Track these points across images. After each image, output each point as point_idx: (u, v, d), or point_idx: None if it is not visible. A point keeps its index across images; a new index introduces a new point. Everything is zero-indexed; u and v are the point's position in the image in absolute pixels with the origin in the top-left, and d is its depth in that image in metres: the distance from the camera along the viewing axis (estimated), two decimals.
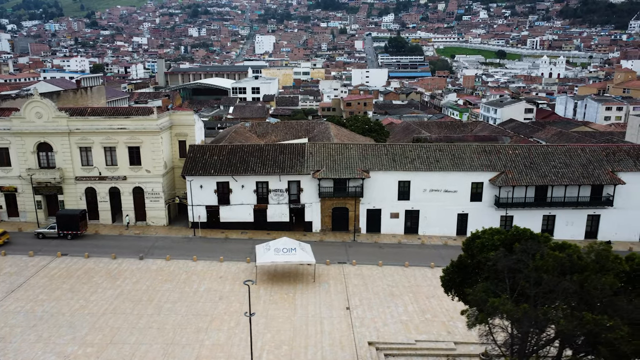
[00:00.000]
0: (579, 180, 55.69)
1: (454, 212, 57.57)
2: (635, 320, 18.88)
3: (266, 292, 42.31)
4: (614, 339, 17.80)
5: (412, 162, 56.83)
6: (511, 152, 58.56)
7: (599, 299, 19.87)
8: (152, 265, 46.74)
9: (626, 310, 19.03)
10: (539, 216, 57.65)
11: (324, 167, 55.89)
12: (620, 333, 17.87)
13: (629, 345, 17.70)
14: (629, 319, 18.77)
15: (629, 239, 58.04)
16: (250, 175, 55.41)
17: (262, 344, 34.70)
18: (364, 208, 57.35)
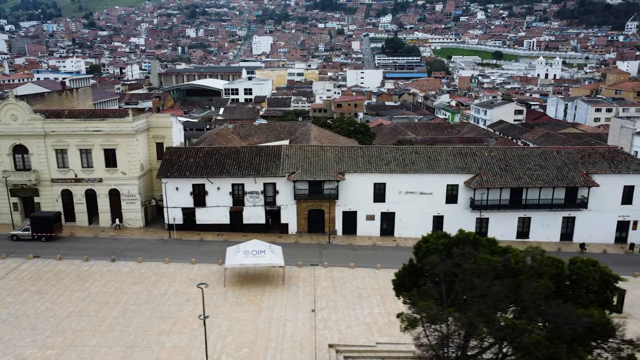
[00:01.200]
0: (553, 182, 55.89)
1: (430, 214, 57.74)
2: (563, 325, 19.10)
3: (234, 294, 42.51)
4: (530, 343, 18.00)
5: (387, 165, 57.03)
6: (487, 154, 58.76)
7: (529, 302, 20.05)
8: (123, 267, 46.93)
9: (553, 315, 19.23)
10: (514, 218, 57.81)
11: (299, 169, 56.09)
12: (535, 337, 18.07)
13: (543, 350, 17.90)
14: (555, 323, 18.99)
15: (604, 241, 58.25)
16: (226, 177, 55.61)
17: (223, 346, 34.88)
18: (339, 210, 57.54)
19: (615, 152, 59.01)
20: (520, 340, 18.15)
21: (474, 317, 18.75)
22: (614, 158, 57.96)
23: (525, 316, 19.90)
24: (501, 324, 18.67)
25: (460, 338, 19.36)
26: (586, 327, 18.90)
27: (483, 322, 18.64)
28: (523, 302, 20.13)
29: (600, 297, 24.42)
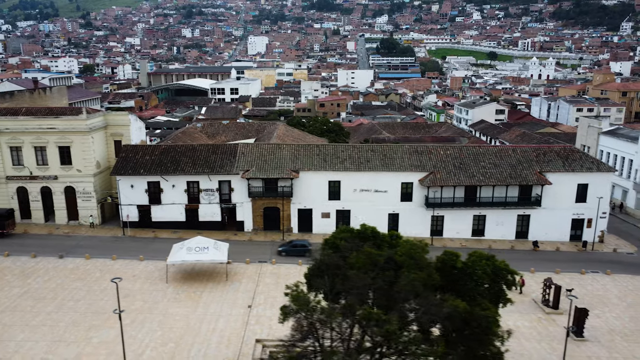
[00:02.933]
0: (507, 180, 56.12)
1: (385, 212, 57.99)
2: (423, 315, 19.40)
3: (174, 291, 42.80)
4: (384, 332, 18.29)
5: (342, 162, 57.29)
6: (442, 152, 58.99)
7: (401, 295, 20.34)
8: (69, 264, 47.21)
9: (417, 305, 19.54)
10: (469, 216, 58.04)
11: (254, 167, 56.36)
12: (387, 328, 18.34)
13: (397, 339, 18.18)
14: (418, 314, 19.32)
15: (559, 239, 58.48)
16: (180, 175, 55.90)
17: (149, 340, 35.17)
18: (295, 208, 57.82)
19: (570, 151, 59.24)
20: (377, 329, 18.46)
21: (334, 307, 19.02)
22: (569, 157, 58.19)
23: (397, 307, 20.18)
24: (356, 314, 18.95)
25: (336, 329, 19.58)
26: (447, 317, 19.18)
27: (339, 313, 18.93)
28: (395, 293, 20.39)
29: (492, 290, 24.65)
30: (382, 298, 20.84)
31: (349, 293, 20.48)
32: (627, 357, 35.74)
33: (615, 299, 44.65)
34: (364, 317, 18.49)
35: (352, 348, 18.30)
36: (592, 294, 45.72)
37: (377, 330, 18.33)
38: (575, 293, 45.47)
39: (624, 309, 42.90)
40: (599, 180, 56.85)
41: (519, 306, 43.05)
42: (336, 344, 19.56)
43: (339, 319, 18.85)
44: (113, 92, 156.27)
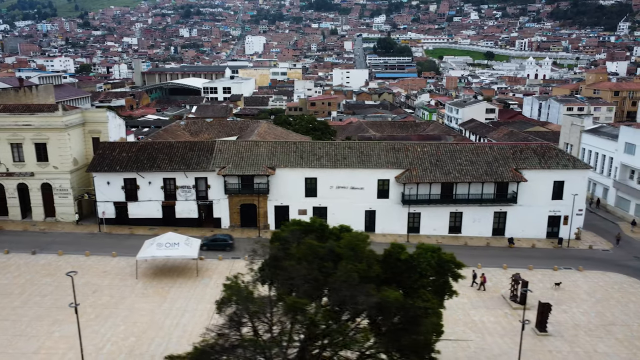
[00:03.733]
0: (482, 177, 56.23)
1: (362, 209, 58.09)
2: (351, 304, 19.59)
3: (143, 286, 42.91)
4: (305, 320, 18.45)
5: (319, 159, 57.39)
6: (419, 149, 59.10)
7: (334, 285, 20.48)
8: (42, 260, 47.34)
9: (348, 295, 19.69)
10: (446, 213, 58.13)
11: (230, 164, 56.48)
12: (309, 315, 18.47)
13: (315, 328, 18.33)
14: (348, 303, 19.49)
15: (536, 236, 58.58)
16: (156, 171, 56.01)
17: (111, 335, 35.32)
18: (271, 205, 57.93)
19: (547, 148, 59.34)
20: (299, 317, 18.61)
21: (263, 298, 19.16)
22: (545, 154, 58.29)
23: (333, 297, 20.37)
24: (280, 303, 19.08)
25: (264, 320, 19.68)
26: (376, 306, 19.33)
27: (260, 301, 19.08)
28: (329, 284, 20.54)
29: (436, 282, 24.76)
30: (317, 289, 20.96)
31: (284, 284, 20.61)
32: (588, 351, 35.84)
33: (584, 295, 44.76)
34: (289, 305, 18.63)
35: (275, 337, 18.40)
36: (562, 289, 45.82)
37: (299, 318, 18.49)
38: (545, 289, 45.82)
39: (591, 304, 43.01)
40: (575, 178, 56.95)
41: (488, 302, 43.33)
42: (268, 334, 19.67)
43: (267, 308, 18.99)
44: (105, 92, 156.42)
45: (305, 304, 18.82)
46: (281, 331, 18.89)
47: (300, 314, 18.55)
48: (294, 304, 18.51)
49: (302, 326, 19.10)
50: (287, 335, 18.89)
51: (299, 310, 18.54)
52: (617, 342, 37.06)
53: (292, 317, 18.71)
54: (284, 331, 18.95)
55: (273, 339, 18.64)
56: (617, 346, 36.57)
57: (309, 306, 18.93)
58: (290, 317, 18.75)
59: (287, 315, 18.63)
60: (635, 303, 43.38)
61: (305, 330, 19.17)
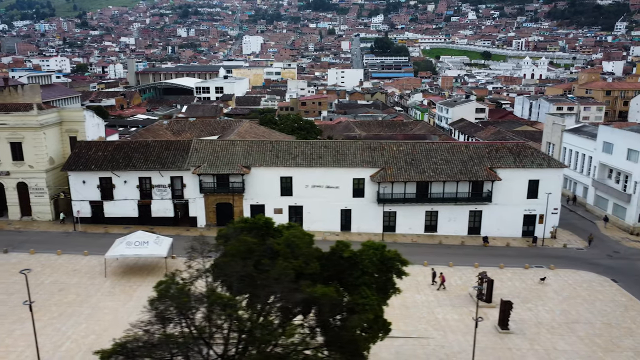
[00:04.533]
0: (457, 176, 56.36)
1: (337, 208, 58.23)
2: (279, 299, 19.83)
3: (111, 285, 43.07)
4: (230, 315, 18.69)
5: (294, 158, 57.55)
6: (395, 148, 59.24)
7: (264, 282, 20.65)
8: (13, 258, 47.50)
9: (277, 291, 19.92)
10: (422, 212, 58.26)
11: (205, 163, 56.63)
12: (230, 311, 18.65)
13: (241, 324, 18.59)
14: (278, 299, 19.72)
15: (511, 235, 58.71)
16: (132, 170, 56.16)
17: (72, 333, 35.46)
18: (247, 203, 58.06)
19: (523, 147, 59.47)
20: (220, 312, 18.80)
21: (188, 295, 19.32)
22: (521, 153, 58.42)
23: (261, 294, 20.55)
24: (204, 298, 19.22)
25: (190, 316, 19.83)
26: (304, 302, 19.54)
27: (185, 297, 19.23)
28: (261, 280, 20.71)
29: (379, 279, 24.91)
30: (251, 286, 21.11)
31: (217, 281, 20.78)
32: (548, 348, 35.97)
33: (552, 293, 44.89)
34: (212, 301, 18.79)
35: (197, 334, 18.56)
36: (531, 287, 45.99)
37: (221, 313, 18.68)
38: (514, 287, 45.99)
39: (558, 302, 43.14)
40: (550, 176, 57.09)
41: (454, 300, 43.46)
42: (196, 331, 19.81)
43: (191, 304, 19.15)
44: (96, 91, 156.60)
45: (230, 299, 18.99)
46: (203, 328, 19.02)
47: (224, 309, 18.72)
48: (215, 300, 18.69)
49: (227, 322, 19.26)
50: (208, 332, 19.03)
51: (222, 306, 18.72)
52: (578, 340, 37.19)
53: (217, 313, 18.87)
54: (208, 328, 19.09)
55: (193, 336, 18.76)
56: (578, 344, 36.70)
57: (234, 302, 19.09)
58: (216, 313, 18.92)
59: (211, 311, 18.78)
60: (601, 301, 43.51)
61: (231, 327, 19.34)
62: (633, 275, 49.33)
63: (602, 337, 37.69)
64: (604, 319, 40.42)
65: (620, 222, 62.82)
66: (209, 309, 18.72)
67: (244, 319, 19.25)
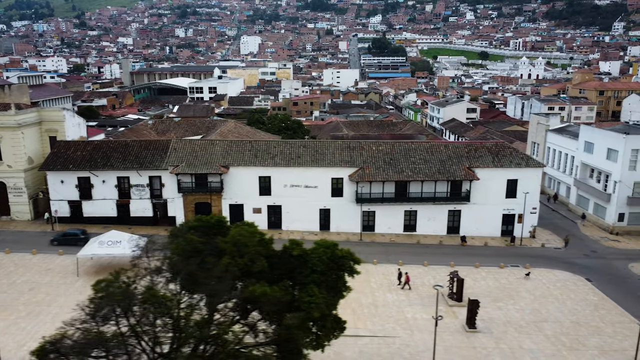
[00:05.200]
0: (435, 176, 56.37)
1: (316, 208, 58.24)
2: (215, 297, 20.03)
3: (82, 284, 42.94)
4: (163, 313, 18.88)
5: (273, 158, 57.58)
6: (374, 148, 59.27)
7: (204, 280, 20.75)
8: None
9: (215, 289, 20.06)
10: (401, 212, 58.27)
11: (184, 163, 56.68)
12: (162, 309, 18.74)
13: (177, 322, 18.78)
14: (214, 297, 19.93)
15: (490, 234, 58.72)
16: (110, 170, 56.22)
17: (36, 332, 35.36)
18: (226, 203, 58.10)
19: (501, 147, 59.49)
20: (155, 309, 18.88)
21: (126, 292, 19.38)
22: (499, 152, 58.44)
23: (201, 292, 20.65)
24: (139, 297, 19.28)
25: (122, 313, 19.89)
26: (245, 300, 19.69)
27: (119, 295, 19.28)
28: (202, 279, 20.79)
29: (329, 278, 24.95)
30: (194, 284, 21.17)
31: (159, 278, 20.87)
32: (513, 347, 36.00)
33: (524, 292, 44.91)
34: (146, 299, 18.85)
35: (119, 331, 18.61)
36: (504, 286, 46.02)
37: (154, 310, 18.76)
38: (487, 286, 46.02)
39: (529, 301, 43.16)
40: (528, 176, 57.09)
41: (425, 299, 43.42)
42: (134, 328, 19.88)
43: (125, 303, 19.19)
44: (88, 91, 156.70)
45: (164, 297, 19.05)
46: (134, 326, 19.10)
47: (159, 307, 18.79)
48: (151, 297, 18.75)
49: (160, 320, 19.33)
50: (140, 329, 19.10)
51: (156, 304, 18.78)
52: (545, 339, 37.23)
53: (151, 312, 18.93)
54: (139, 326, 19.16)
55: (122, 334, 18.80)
56: (544, 342, 36.73)
57: (168, 300, 19.16)
58: (150, 311, 18.97)
59: (145, 309, 18.83)
60: (573, 300, 43.54)
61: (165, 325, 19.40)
62: (607, 274, 49.37)
63: (568, 335, 37.72)
64: (573, 317, 40.45)
65: (600, 222, 62.84)
66: (141, 307, 18.75)
67: (177, 316, 19.30)
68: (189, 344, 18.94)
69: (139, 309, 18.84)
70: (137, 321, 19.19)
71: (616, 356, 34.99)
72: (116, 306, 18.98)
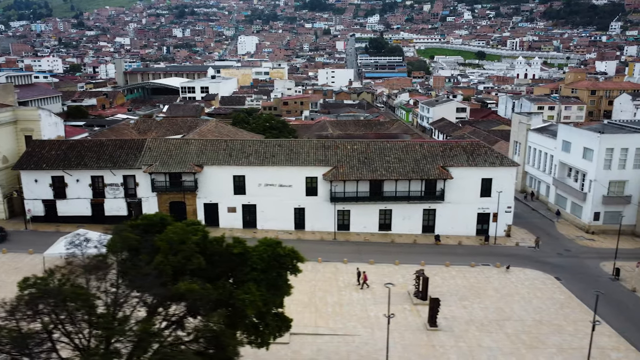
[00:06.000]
0: (409, 174, 56.35)
1: (291, 207, 58.24)
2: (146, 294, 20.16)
3: None
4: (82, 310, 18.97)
5: (247, 157, 57.59)
6: (349, 147, 59.25)
7: (129, 278, 20.82)
8: None
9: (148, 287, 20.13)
10: (375, 211, 58.26)
11: (157, 162, 56.69)
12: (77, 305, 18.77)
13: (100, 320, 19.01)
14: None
15: (465, 233, 58.70)
16: (83, 169, 56.24)
17: None
18: (200, 202, 58.13)
19: (477, 146, 59.47)
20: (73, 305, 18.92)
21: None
22: (474, 151, 58.41)
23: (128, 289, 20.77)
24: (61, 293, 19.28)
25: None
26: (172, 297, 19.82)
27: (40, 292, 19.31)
28: (132, 277, 20.84)
29: (269, 276, 24.95)
30: (124, 281, 21.20)
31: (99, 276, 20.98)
32: (472, 345, 35.98)
33: (491, 291, 44.91)
34: (65, 296, 18.88)
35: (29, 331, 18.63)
36: (472, 285, 46.01)
37: (73, 306, 18.80)
38: (455, 285, 46.02)
39: (495, 300, 43.15)
40: (503, 175, 57.08)
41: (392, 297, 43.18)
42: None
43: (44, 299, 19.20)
44: (79, 91, 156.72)
45: (82, 294, 19.10)
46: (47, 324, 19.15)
47: (78, 303, 18.82)
48: (69, 294, 18.78)
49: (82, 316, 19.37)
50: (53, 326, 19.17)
51: (75, 300, 18.81)
52: (505, 337, 37.22)
53: (73, 307, 18.96)
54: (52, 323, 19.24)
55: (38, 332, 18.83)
56: (504, 340, 36.73)
57: (86, 296, 19.20)
58: (71, 307, 19.00)
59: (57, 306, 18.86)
60: (539, 299, 43.52)
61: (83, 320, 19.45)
62: (578, 273, 49.37)
63: (530, 334, 37.71)
64: (536, 316, 40.43)
65: (577, 221, 62.82)
66: (62, 303, 18.76)
67: (96, 313, 19.35)
68: (105, 340, 18.96)
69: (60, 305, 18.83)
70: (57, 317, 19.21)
71: (574, 354, 34.98)
72: (37, 303, 18.98)
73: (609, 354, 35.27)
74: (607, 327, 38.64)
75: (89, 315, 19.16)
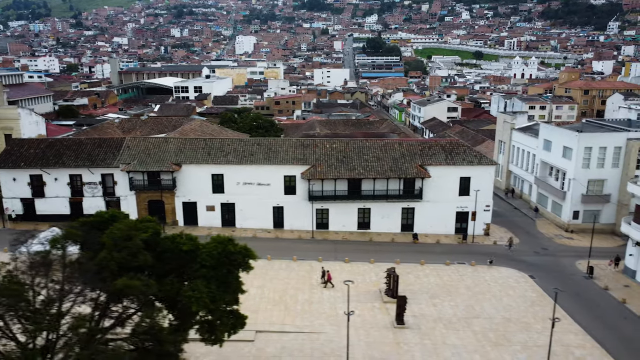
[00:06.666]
0: (387, 173, 56.37)
1: (269, 205, 58.26)
2: None
3: None
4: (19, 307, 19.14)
5: (226, 156, 57.63)
6: (328, 146, 59.28)
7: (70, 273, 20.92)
8: None
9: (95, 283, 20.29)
10: (354, 209, 58.28)
11: (136, 161, 56.74)
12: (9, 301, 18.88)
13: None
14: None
15: (445, 232, 58.71)
16: (62, 168, 56.31)
17: None
18: (179, 201, 58.19)
19: (455, 145, 59.50)
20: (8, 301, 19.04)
21: None
22: (453, 150, 58.43)
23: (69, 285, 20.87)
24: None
25: None
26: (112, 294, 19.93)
27: None
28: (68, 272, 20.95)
29: (219, 273, 24.99)
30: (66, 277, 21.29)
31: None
32: (437, 343, 36.01)
33: (463, 289, 44.92)
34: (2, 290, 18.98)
35: None
36: (445, 283, 46.04)
37: (6, 302, 18.90)
38: (428, 283, 46.05)
39: (466, 298, 43.17)
40: (481, 174, 57.10)
41: (363, 296, 43.44)
42: None
43: None
44: (72, 91, 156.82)
45: (15, 289, 19.16)
46: None
47: (15, 298, 18.90)
48: (4, 290, 18.83)
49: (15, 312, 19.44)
50: None
51: (8, 296, 18.88)
52: (472, 334, 37.24)
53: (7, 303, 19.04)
54: None
55: None
56: (470, 338, 36.75)
57: (18, 292, 19.27)
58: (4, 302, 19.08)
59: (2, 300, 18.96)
60: (510, 297, 43.55)
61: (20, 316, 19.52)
62: (553, 271, 49.38)
63: (496, 332, 37.73)
64: (505, 314, 40.46)
65: (557, 220, 62.85)
66: None
67: (29, 309, 19.42)
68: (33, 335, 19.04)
69: None
70: None
71: (538, 352, 34.98)
72: None
73: (573, 352, 35.29)
74: (575, 325, 38.73)
75: (22, 310, 19.19)
